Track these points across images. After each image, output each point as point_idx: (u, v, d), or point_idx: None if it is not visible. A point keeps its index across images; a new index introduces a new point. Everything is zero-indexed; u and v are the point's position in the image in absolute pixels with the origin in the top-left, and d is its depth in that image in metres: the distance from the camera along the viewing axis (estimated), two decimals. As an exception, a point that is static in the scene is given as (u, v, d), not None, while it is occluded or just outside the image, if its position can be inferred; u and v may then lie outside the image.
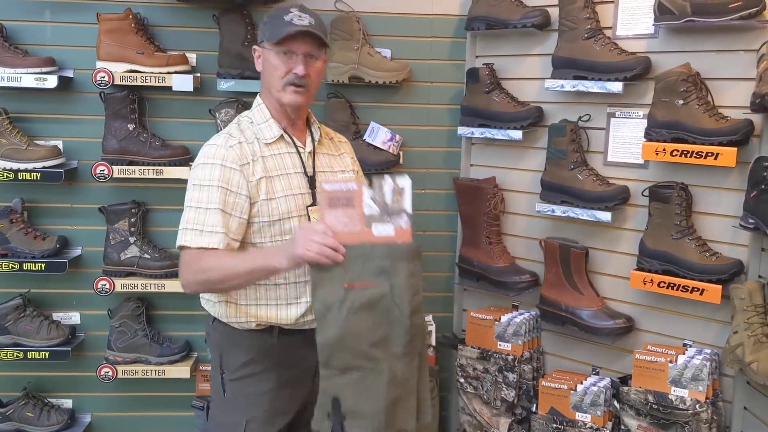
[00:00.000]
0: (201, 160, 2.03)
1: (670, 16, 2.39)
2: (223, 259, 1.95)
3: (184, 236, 1.98)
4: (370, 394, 1.87)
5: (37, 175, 2.85)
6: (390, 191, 1.89)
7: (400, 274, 1.86)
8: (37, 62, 2.85)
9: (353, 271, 1.86)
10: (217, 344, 2.16)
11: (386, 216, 1.89)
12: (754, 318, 2.24)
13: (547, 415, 2.70)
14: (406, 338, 1.88)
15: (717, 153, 2.29)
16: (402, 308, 1.86)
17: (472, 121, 2.96)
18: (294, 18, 2.01)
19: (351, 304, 1.85)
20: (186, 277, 2.01)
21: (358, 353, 1.87)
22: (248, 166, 2.02)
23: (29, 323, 2.95)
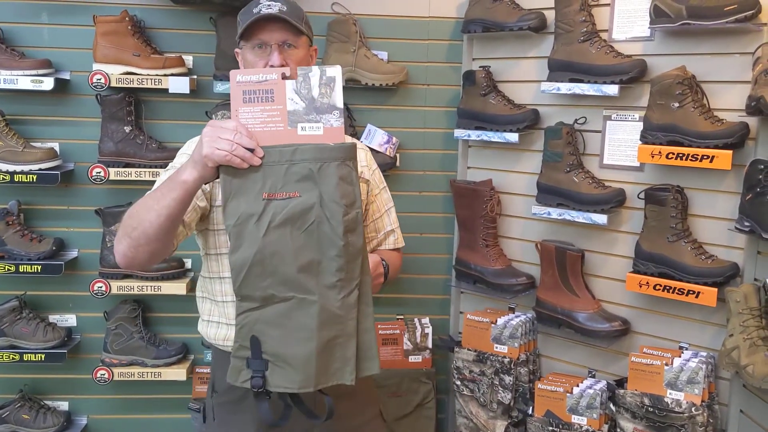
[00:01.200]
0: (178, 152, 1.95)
1: (666, 19, 2.39)
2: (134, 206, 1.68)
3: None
4: (298, 333, 1.55)
5: (33, 177, 2.85)
6: (317, 83, 1.58)
7: (329, 180, 1.54)
8: (33, 64, 2.85)
9: (274, 179, 1.55)
10: (212, 365, 2.05)
11: (313, 113, 1.58)
12: (749, 321, 2.24)
13: (543, 418, 2.70)
14: (339, 262, 1.55)
15: (712, 156, 2.29)
16: (333, 223, 1.54)
17: (469, 124, 2.96)
18: (263, 8, 1.81)
19: (271, 217, 1.54)
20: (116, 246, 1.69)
21: (282, 280, 1.55)
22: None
23: (25, 325, 2.95)
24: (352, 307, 1.57)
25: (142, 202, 1.67)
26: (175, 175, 1.61)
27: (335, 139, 1.57)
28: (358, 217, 1.58)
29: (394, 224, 2.15)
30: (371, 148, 3.03)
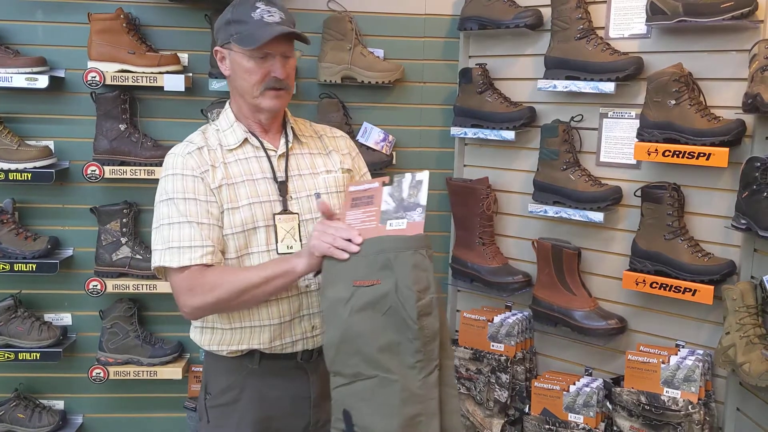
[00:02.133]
0: (163, 173, 1.86)
1: (662, 16, 2.38)
2: (227, 273, 1.79)
3: (162, 257, 1.79)
4: (383, 409, 1.63)
5: (28, 175, 2.84)
6: (407, 186, 1.78)
7: (404, 268, 1.62)
8: (28, 62, 2.83)
9: (362, 268, 1.67)
10: (204, 367, 2.03)
11: (401, 211, 1.75)
12: (746, 319, 2.23)
13: (539, 416, 2.70)
14: (416, 344, 1.62)
15: (709, 153, 2.28)
16: (407, 308, 1.61)
17: (465, 122, 2.95)
18: (264, 14, 1.81)
19: (355, 302, 1.66)
20: (188, 302, 1.79)
21: (366, 359, 1.65)
22: (208, 172, 1.84)
23: (20, 324, 2.93)
24: (433, 386, 1.65)
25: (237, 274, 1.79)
26: (284, 262, 1.77)
27: (415, 231, 1.70)
28: (432, 302, 1.64)
29: None
30: (367, 146, 3.03)
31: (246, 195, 1.86)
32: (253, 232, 1.86)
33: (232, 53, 1.85)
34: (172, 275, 1.81)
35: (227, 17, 1.85)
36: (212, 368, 1.97)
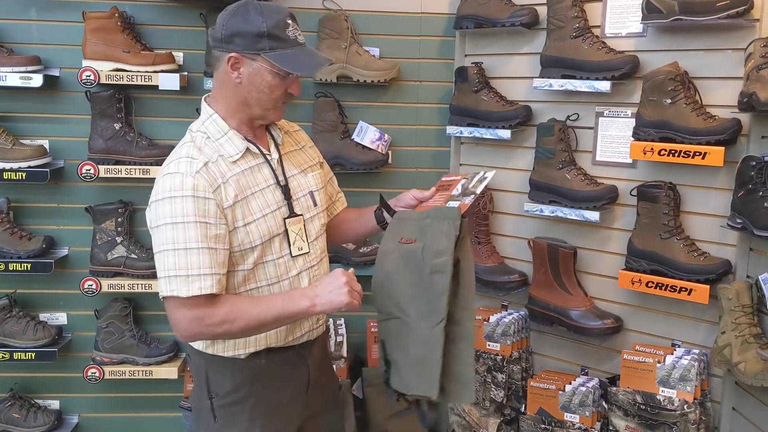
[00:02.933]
0: (168, 194, 1.75)
1: (658, 14, 2.37)
2: (240, 306, 1.79)
3: (169, 285, 1.74)
4: (401, 345, 1.91)
5: (22, 174, 2.83)
6: (475, 180, 2.12)
7: (433, 232, 1.89)
8: (22, 61, 2.82)
9: (409, 230, 1.97)
10: (202, 369, 1.96)
11: (462, 196, 2.07)
12: (741, 318, 2.23)
13: (535, 416, 2.69)
14: (427, 295, 1.84)
15: (705, 152, 2.28)
16: (426, 264, 1.86)
17: (461, 121, 2.95)
18: (296, 35, 1.83)
19: (396, 254, 1.93)
20: (192, 330, 1.77)
21: (394, 303, 1.91)
22: (219, 190, 1.79)
23: (15, 324, 2.93)
24: (437, 336, 1.83)
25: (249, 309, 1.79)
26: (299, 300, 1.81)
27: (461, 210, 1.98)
28: (446, 263, 1.83)
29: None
30: (363, 145, 3.02)
31: (258, 207, 1.86)
32: (269, 243, 1.88)
33: (255, 65, 1.80)
34: (177, 304, 1.76)
35: (260, 29, 1.78)
36: (216, 370, 1.95)
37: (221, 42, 1.82)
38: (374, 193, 3.10)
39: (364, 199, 3.10)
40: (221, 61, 1.83)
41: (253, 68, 1.81)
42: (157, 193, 1.78)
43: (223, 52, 1.82)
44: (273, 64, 1.79)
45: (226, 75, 1.84)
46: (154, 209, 1.78)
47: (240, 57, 1.80)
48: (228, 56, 1.80)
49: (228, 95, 1.87)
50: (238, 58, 1.80)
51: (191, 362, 2.06)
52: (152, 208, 1.79)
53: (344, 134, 3.01)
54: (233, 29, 1.80)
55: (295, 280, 1.95)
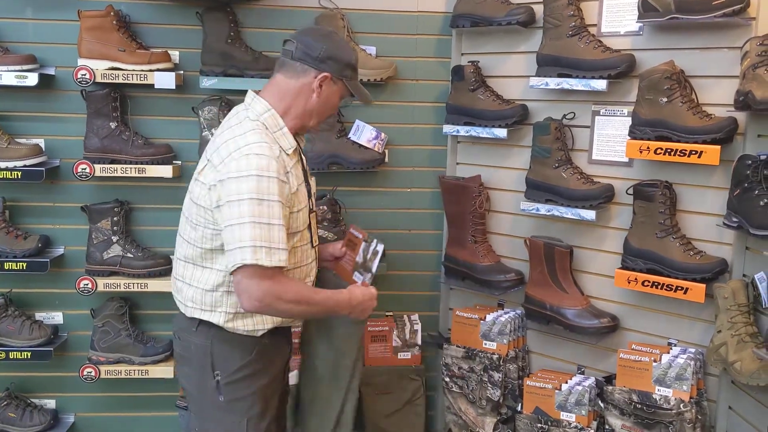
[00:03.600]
0: (254, 172, 1.92)
1: (654, 13, 2.37)
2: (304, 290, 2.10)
3: (255, 254, 1.90)
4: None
5: (18, 173, 2.81)
6: (371, 251, 2.35)
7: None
8: (17, 60, 2.81)
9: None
10: (207, 350, 2.09)
11: (362, 269, 2.35)
12: (737, 317, 2.23)
13: (532, 415, 2.69)
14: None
15: (701, 151, 2.27)
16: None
17: (458, 119, 2.94)
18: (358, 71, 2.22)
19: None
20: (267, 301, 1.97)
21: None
22: (288, 176, 2.02)
23: (11, 323, 2.92)
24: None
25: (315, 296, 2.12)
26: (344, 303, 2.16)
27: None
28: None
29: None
30: (360, 144, 3.02)
31: (299, 200, 2.09)
32: (302, 231, 2.12)
33: (334, 87, 2.12)
34: (255, 273, 1.93)
35: (350, 60, 2.13)
36: (221, 350, 2.09)
37: (315, 60, 2.07)
38: (371, 192, 3.12)
39: (361, 198, 3.12)
40: (306, 75, 2.08)
41: (332, 89, 2.12)
42: (241, 170, 1.92)
43: (314, 69, 2.07)
44: (349, 90, 2.16)
45: (306, 87, 2.09)
46: (235, 184, 1.92)
47: (330, 78, 2.09)
48: (321, 74, 2.07)
49: (297, 103, 2.10)
50: (328, 78, 2.09)
51: (191, 347, 2.14)
52: (231, 183, 1.92)
53: (341, 133, 3.00)
54: (330, 53, 2.08)
55: (309, 266, 2.19)
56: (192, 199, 2.07)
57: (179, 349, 2.22)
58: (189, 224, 2.08)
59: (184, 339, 2.17)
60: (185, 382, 2.24)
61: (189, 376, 2.18)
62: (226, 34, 2.89)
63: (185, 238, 2.11)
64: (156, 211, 3.06)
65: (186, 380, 2.22)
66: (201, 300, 2.08)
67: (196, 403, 2.19)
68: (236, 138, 2.00)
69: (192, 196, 2.07)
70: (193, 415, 2.23)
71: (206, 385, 2.10)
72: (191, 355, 2.15)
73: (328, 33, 2.19)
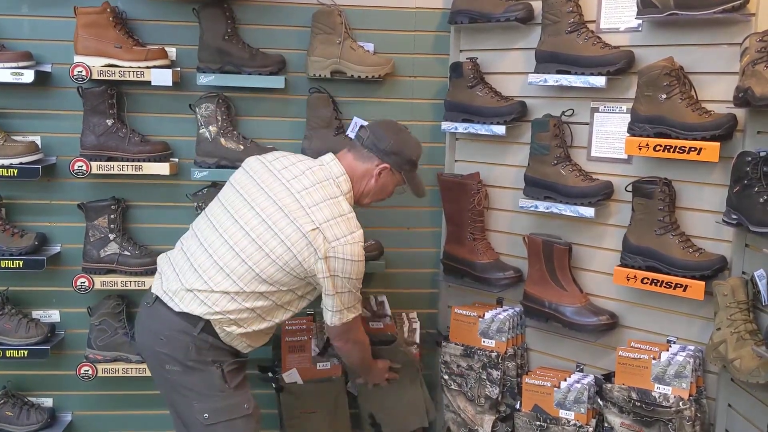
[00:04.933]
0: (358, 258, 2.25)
1: (653, 9, 2.36)
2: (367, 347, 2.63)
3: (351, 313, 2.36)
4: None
5: (14, 171, 2.80)
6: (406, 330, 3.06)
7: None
8: (13, 57, 2.80)
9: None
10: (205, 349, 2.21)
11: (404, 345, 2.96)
12: (737, 315, 2.22)
13: (530, 413, 2.68)
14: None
15: (700, 148, 2.26)
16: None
17: (456, 116, 2.93)
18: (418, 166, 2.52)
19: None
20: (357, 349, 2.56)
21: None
22: None
23: (8, 321, 2.91)
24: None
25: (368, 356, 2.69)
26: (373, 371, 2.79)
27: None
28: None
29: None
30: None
31: None
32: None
33: (393, 177, 2.41)
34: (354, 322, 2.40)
35: (411, 157, 2.44)
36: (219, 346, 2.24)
37: (382, 153, 2.36)
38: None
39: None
40: (370, 161, 2.36)
41: (390, 178, 2.41)
42: (354, 255, 2.24)
43: (378, 158, 2.36)
44: (406, 183, 2.46)
45: (369, 172, 2.37)
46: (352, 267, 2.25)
47: (390, 170, 2.38)
48: (383, 164, 2.37)
49: (359, 183, 2.38)
50: (388, 170, 2.38)
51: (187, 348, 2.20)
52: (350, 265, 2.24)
53: (339, 130, 2.99)
54: (396, 149, 2.37)
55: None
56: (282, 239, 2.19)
57: (168, 349, 2.21)
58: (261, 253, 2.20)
59: (177, 339, 2.19)
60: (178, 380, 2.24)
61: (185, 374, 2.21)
62: (223, 30, 2.87)
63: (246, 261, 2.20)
64: (153, 209, 3.05)
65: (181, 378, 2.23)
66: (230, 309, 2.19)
67: (203, 395, 2.23)
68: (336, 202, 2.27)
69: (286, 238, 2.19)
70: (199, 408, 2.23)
71: (212, 377, 2.22)
72: (187, 355, 2.19)
73: (399, 129, 2.44)
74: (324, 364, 2.97)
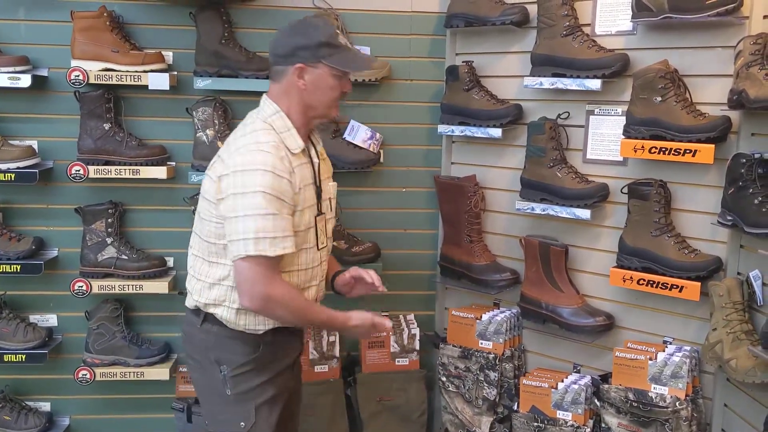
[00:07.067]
0: (260, 166, 1.97)
1: (648, 12, 2.38)
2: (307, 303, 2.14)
3: (258, 245, 1.95)
4: None
5: (11, 175, 2.80)
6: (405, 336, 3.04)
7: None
8: (10, 61, 2.80)
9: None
10: (210, 345, 2.14)
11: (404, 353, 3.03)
12: (732, 315, 2.24)
13: (528, 414, 2.69)
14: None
15: (695, 150, 2.28)
16: None
17: (452, 119, 2.95)
18: (347, 42, 2.15)
19: None
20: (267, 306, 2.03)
21: None
22: (293, 176, 2.04)
23: (5, 325, 2.90)
24: None
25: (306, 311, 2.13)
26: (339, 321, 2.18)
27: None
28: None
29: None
30: (355, 144, 3.01)
31: (305, 199, 2.10)
32: (306, 232, 2.12)
33: (317, 71, 2.08)
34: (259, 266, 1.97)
35: (318, 40, 2.06)
36: (225, 345, 2.13)
37: (284, 57, 2.09)
38: (367, 192, 3.12)
39: (357, 198, 3.11)
40: (286, 73, 2.09)
41: (315, 74, 2.09)
42: (246, 163, 1.97)
43: (288, 65, 2.08)
44: (333, 67, 2.08)
45: (291, 84, 2.09)
46: (240, 177, 1.97)
47: (305, 66, 2.07)
48: (294, 67, 2.07)
49: (293, 100, 2.11)
50: (303, 67, 2.07)
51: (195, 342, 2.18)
52: (237, 176, 1.97)
53: (336, 133, 3.00)
54: (295, 45, 2.08)
55: (316, 269, 2.20)
56: (202, 194, 2.12)
57: (185, 345, 2.24)
58: (198, 218, 2.14)
59: (189, 334, 2.21)
60: (192, 377, 2.28)
61: (195, 370, 2.22)
62: (220, 34, 2.88)
63: (196, 231, 2.17)
64: (150, 213, 3.05)
65: (193, 375, 2.26)
66: (207, 294, 2.11)
67: (205, 397, 2.23)
68: (246, 135, 2.07)
69: (202, 190, 2.12)
70: (203, 412, 2.27)
71: (213, 379, 2.14)
72: (196, 350, 2.19)
73: (293, 25, 2.13)
74: (322, 367, 2.98)
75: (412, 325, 3.10)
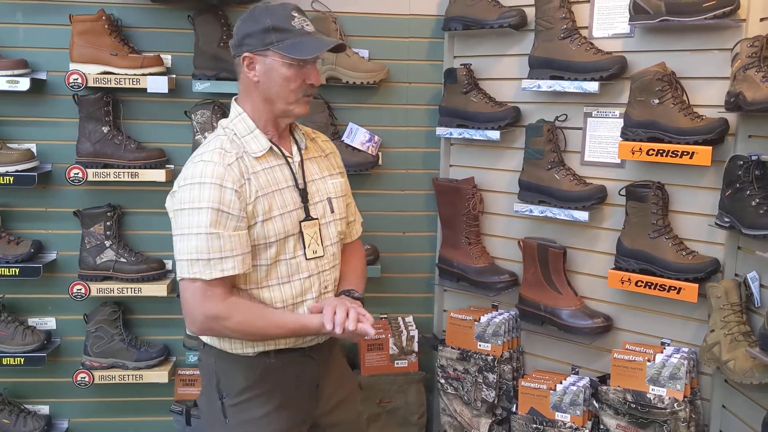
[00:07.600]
0: (197, 179, 1.81)
1: (645, 15, 2.39)
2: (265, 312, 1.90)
3: (192, 267, 1.81)
4: None
5: (10, 179, 2.80)
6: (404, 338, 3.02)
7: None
8: (9, 64, 2.80)
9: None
10: (212, 369, 2.00)
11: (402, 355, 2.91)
12: (730, 316, 2.24)
13: (527, 416, 2.70)
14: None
15: (692, 152, 2.29)
16: None
17: (451, 122, 2.95)
18: (303, 24, 1.88)
19: None
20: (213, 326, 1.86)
21: None
22: (244, 186, 1.85)
23: (4, 329, 2.91)
24: None
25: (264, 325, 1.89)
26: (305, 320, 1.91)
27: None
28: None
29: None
30: (353, 147, 3.02)
31: (276, 206, 1.91)
32: (284, 242, 1.92)
33: (268, 60, 1.87)
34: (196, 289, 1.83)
35: (265, 25, 1.85)
36: (225, 369, 1.98)
37: (235, 47, 1.91)
38: (365, 194, 3.12)
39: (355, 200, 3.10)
40: (238, 67, 1.92)
41: (266, 64, 1.87)
42: (187, 177, 1.84)
43: (237, 56, 1.90)
44: (282, 54, 1.85)
45: (245, 77, 1.91)
46: (181, 192, 1.84)
47: (252, 56, 1.88)
48: (242, 57, 1.88)
49: (252, 96, 1.93)
50: (251, 57, 1.88)
51: (202, 365, 2.09)
52: (181, 191, 1.84)
53: (334, 136, 3.00)
54: (243, 32, 1.89)
55: (306, 281, 1.97)
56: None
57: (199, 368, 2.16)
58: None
59: (200, 357, 2.10)
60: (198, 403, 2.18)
61: (202, 396, 2.11)
62: (218, 37, 2.88)
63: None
64: (149, 216, 3.05)
65: (199, 401, 2.15)
66: None
67: (207, 425, 2.09)
68: (202, 146, 1.94)
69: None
70: None
71: (213, 407, 2.00)
72: (203, 375, 2.09)
73: (248, 12, 1.92)
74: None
75: (411, 327, 3.10)
